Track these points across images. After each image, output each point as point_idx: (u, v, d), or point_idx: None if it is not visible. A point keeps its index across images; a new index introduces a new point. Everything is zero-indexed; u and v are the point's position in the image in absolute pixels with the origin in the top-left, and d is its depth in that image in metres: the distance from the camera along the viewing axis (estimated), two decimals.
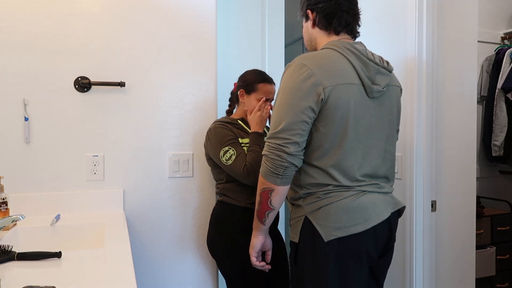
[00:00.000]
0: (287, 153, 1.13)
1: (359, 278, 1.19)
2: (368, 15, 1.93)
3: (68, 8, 1.65)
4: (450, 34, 1.76)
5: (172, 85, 1.80)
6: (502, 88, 2.68)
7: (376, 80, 1.22)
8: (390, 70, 1.28)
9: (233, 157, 1.55)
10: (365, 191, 1.20)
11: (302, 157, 1.18)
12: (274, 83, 1.71)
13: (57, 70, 1.65)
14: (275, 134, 1.15)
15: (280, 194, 1.19)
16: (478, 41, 1.90)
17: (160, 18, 1.78)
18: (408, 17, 1.69)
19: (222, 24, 2.33)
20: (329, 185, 1.18)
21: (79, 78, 1.67)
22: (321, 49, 1.25)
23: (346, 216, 1.15)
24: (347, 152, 1.18)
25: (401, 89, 1.38)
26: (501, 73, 2.70)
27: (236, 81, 1.75)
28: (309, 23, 1.32)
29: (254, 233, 1.33)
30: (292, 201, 1.28)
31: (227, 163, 1.56)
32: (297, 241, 1.22)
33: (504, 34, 2.88)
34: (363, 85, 1.19)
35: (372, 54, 1.26)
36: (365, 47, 1.26)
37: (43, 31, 1.63)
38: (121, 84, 1.69)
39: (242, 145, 1.61)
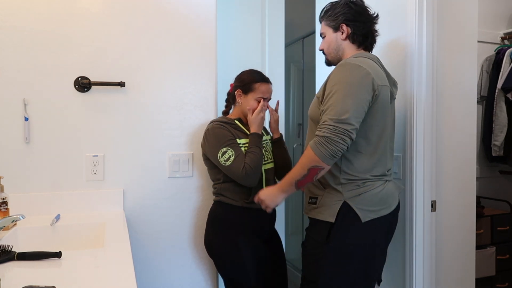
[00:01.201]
0: (351, 139, 1.30)
1: (381, 251, 1.48)
2: None
3: (68, 8, 1.65)
4: (450, 34, 1.76)
5: (172, 85, 1.80)
6: (502, 88, 2.68)
7: (393, 89, 1.47)
8: (397, 84, 1.56)
9: (232, 158, 1.55)
10: (387, 180, 1.46)
11: None
12: (270, 83, 1.71)
13: (57, 70, 1.65)
14: (344, 120, 1.28)
15: (326, 171, 1.36)
16: (478, 41, 1.89)
17: (160, 18, 1.78)
18: (408, 17, 1.69)
19: (222, 24, 2.33)
20: (367, 173, 1.39)
21: (79, 78, 1.67)
22: (357, 57, 1.42)
23: (378, 201, 1.40)
24: (383, 143, 1.42)
25: None
26: (501, 73, 2.70)
27: (232, 82, 1.75)
28: (341, 35, 1.50)
29: (281, 194, 1.45)
30: (326, 185, 1.43)
31: (225, 164, 1.56)
32: (333, 221, 1.38)
33: (504, 34, 2.88)
34: (390, 91, 1.42)
35: None
36: None
37: (43, 31, 1.63)
38: (121, 84, 1.69)
39: (240, 145, 1.61)
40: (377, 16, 1.53)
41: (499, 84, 2.70)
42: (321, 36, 1.58)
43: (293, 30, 3.28)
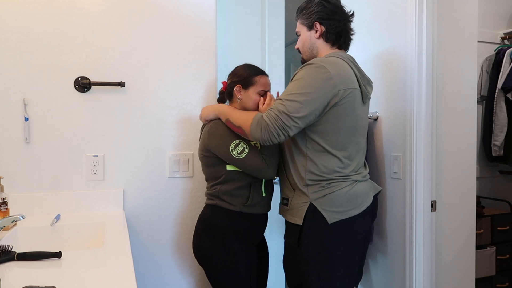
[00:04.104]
0: (287, 136, 1.33)
1: (357, 252, 1.43)
2: (368, 14, 1.93)
3: (68, 8, 1.65)
4: (450, 34, 1.76)
5: (172, 85, 1.80)
6: (502, 88, 2.68)
7: (367, 89, 1.47)
8: (372, 83, 1.56)
9: (246, 150, 1.48)
10: (357, 180, 1.42)
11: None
12: (267, 75, 1.68)
13: (57, 70, 1.65)
14: (289, 115, 1.31)
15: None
16: (478, 41, 1.89)
17: (160, 19, 1.78)
18: (408, 17, 1.69)
19: (222, 24, 2.33)
20: (332, 173, 1.38)
21: (79, 78, 1.67)
22: (329, 56, 1.41)
23: (345, 202, 1.37)
24: (351, 144, 1.40)
25: None
26: (501, 73, 2.70)
27: (224, 80, 1.67)
28: (314, 33, 1.49)
29: (214, 113, 1.55)
30: (295, 187, 1.44)
31: (239, 156, 1.47)
32: (301, 224, 1.40)
33: (504, 34, 2.88)
34: (361, 92, 1.41)
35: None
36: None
37: (43, 31, 1.63)
38: (121, 84, 1.69)
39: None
40: (352, 14, 1.51)
41: (499, 84, 2.70)
42: (296, 34, 1.57)
43: (293, 30, 3.27)
